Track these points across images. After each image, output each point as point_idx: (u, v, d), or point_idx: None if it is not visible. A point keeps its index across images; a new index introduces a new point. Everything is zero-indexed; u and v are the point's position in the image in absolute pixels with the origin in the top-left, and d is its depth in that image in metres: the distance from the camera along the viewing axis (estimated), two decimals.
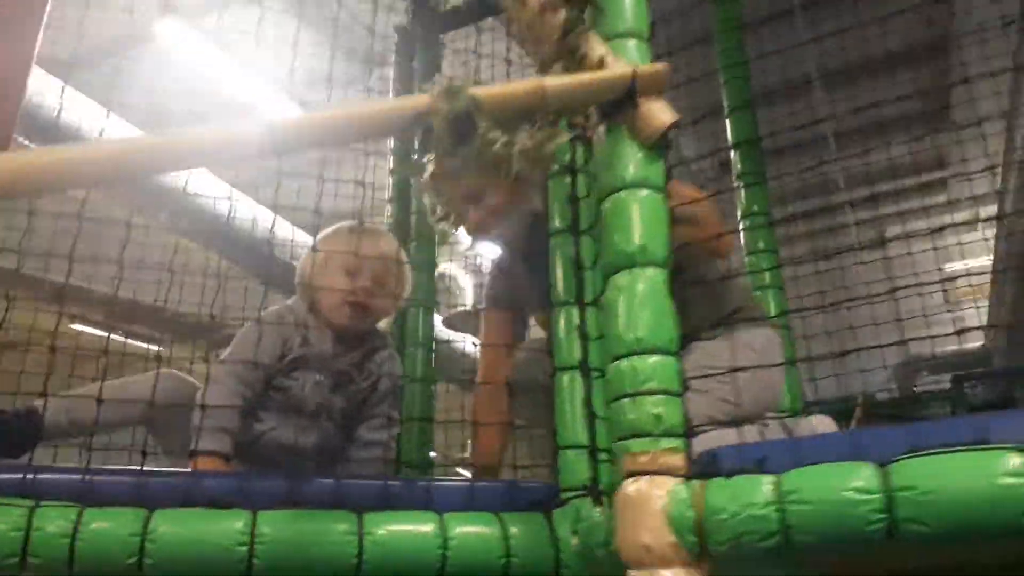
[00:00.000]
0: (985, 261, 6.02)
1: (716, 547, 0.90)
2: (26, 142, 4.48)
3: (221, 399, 1.48)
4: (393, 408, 1.73)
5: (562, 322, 1.31)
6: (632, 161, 1.09)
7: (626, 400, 0.99)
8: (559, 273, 1.33)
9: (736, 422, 1.39)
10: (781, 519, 0.87)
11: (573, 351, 1.28)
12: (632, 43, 1.15)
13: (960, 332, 1.35)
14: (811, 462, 0.90)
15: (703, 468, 0.97)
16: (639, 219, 1.06)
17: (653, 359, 0.99)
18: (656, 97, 1.10)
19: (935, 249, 2.79)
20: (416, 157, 1.10)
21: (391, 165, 2.28)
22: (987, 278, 6.18)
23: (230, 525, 1.03)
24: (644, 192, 1.08)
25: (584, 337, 1.27)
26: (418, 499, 1.15)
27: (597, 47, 1.12)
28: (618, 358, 1.02)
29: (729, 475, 0.93)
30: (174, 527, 1.01)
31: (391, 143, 2.40)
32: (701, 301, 1.62)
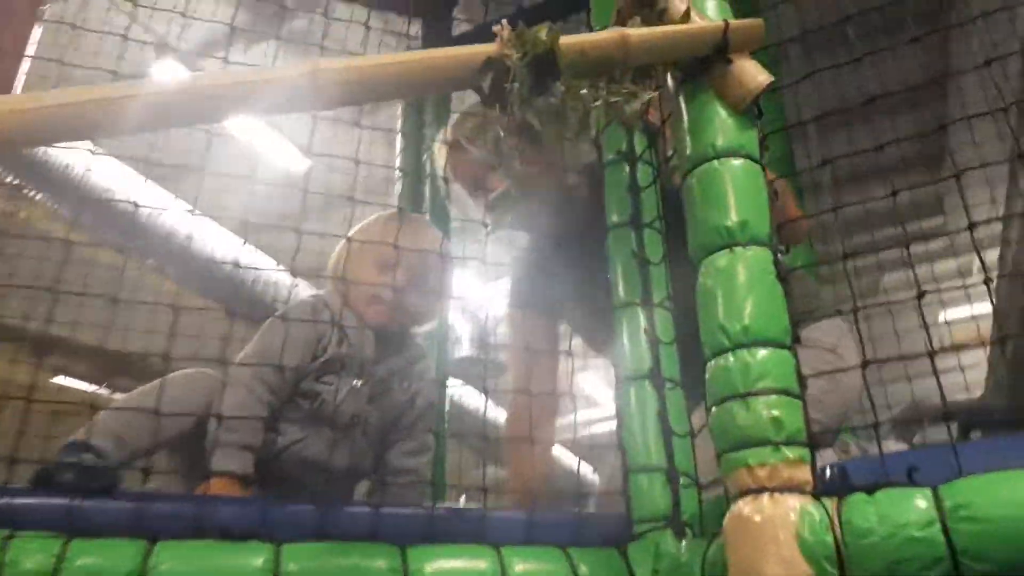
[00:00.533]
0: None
1: None
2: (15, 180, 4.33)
3: (244, 408, 1.26)
4: (427, 431, 1.52)
5: (625, 326, 1.14)
6: (723, 126, 0.94)
7: (735, 403, 0.82)
8: (619, 271, 1.17)
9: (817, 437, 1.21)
10: (948, 542, 0.70)
11: (641, 358, 1.11)
12: (711, 1, 1.01)
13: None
14: (970, 472, 0.73)
15: (828, 484, 0.80)
16: (736, 191, 0.90)
17: (765, 352, 0.83)
18: (748, 56, 0.96)
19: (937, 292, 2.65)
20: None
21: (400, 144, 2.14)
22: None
23: (249, 561, 0.84)
24: (739, 161, 0.92)
25: (655, 342, 1.10)
26: (469, 531, 0.96)
27: (678, 1, 0.97)
28: (720, 353, 0.85)
29: (870, 491, 0.76)
30: (180, 563, 0.82)
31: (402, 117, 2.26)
32: None
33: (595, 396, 9.24)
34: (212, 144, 1.23)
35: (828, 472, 0.82)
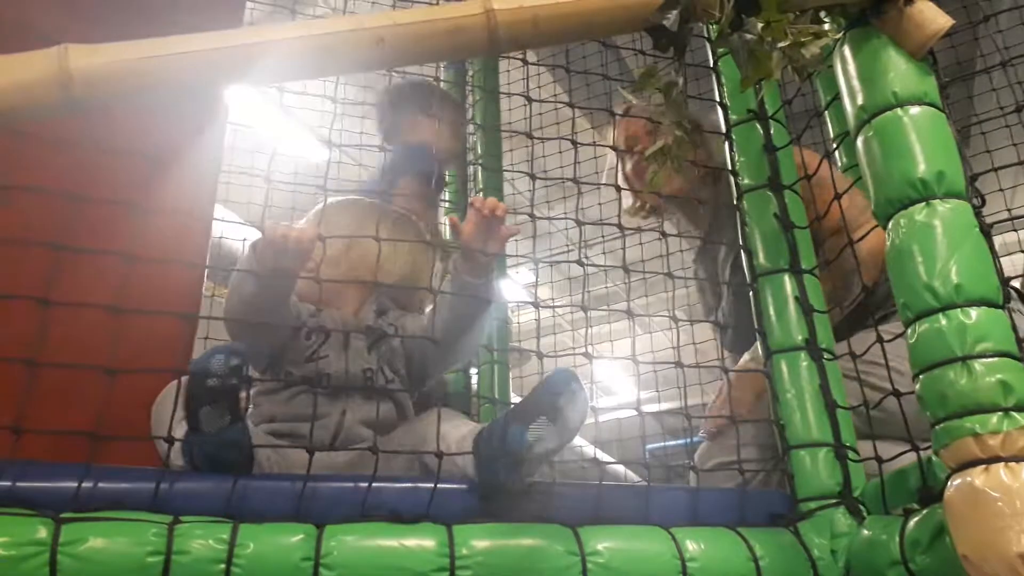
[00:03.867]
0: None
1: None
2: None
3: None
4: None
5: (771, 295, 1.07)
6: (904, 72, 0.87)
7: (952, 367, 0.75)
8: (759, 237, 1.10)
9: None
10: None
11: (790, 329, 1.04)
12: None
13: None
14: None
15: None
16: (926, 141, 0.84)
17: (980, 312, 0.76)
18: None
19: None
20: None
21: None
22: None
23: (423, 544, 0.78)
24: (924, 109, 0.86)
25: (809, 310, 1.04)
26: (633, 509, 0.90)
27: None
28: (925, 315, 0.78)
29: None
30: (353, 548, 0.76)
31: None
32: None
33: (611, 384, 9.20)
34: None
35: None
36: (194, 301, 1.56)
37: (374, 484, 0.81)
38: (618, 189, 1.63)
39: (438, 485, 0.83)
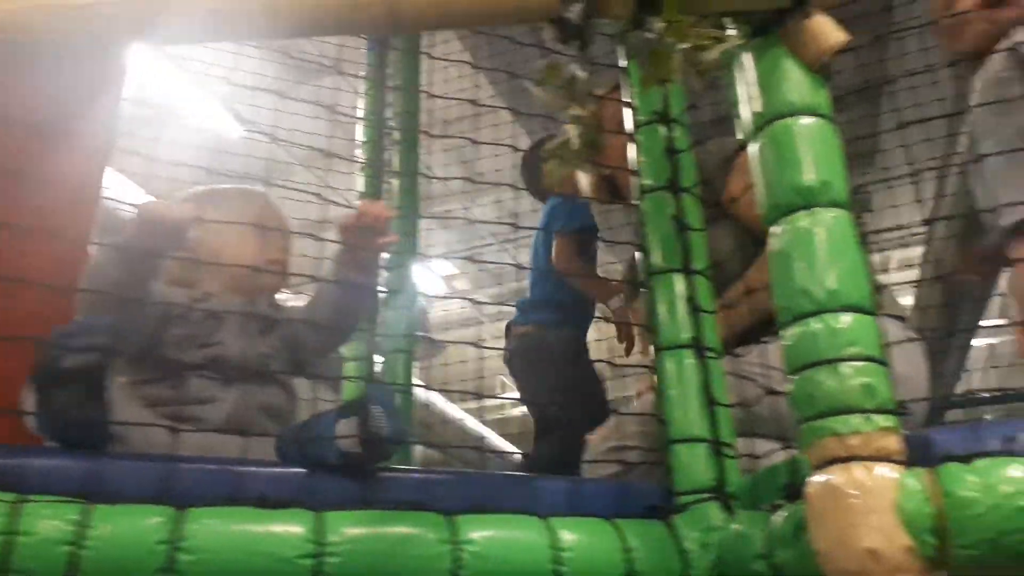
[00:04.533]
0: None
1: (962, 551, 0.69)
2: None
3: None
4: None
5: (662, 293, 1.09)
6: (798, 84, 0.89)
7: (821, 369, 0.78)
8: (656, 237, 1.12)
9: None
10: None
11: (680, 327, 1.06)
12: None
13: None
14: None
15: (914, 454, 0.77)
16: (815, 150, 0.86)
17: (852, 317, 0.79)
18: (825, 13, 0.92)
19: None
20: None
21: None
22: None
23: (290, 530, 0.76)
24: (815, 120, 0.88)
25: (697, 310, 1.06)
26: (512, 499, 0.90)
27: None
28: (801, 318, 0.81)
29: (966, 460, 0.73)
30: (214, 533, 0.73)
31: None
32: None
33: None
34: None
35: (912, 442, 0.79)
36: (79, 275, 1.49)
37: (243, 468, 0.78)
38: (514, 188, 1.63)
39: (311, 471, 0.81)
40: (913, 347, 1.37)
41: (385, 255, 2.05)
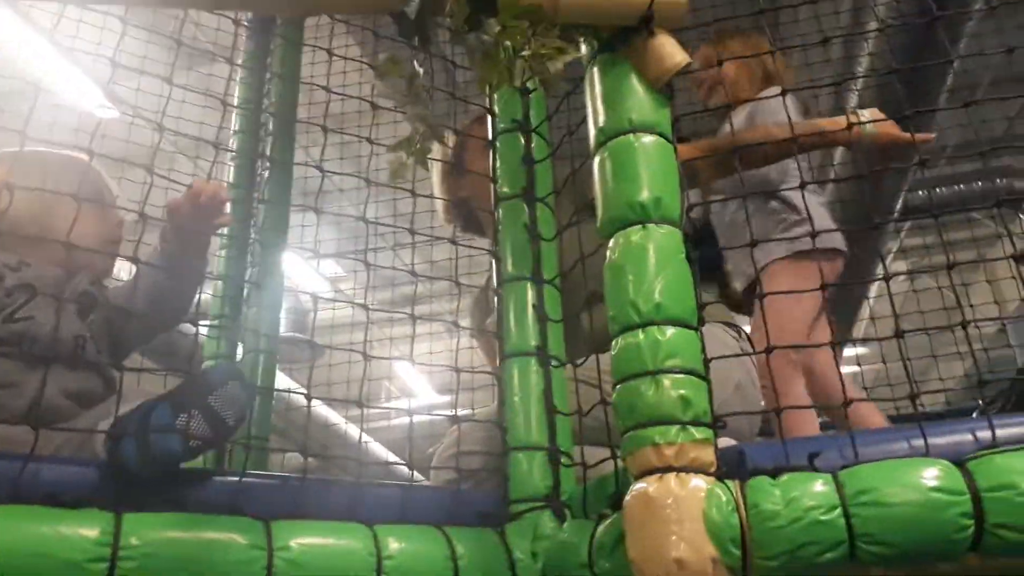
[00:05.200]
0: None
1: (764, 561, 0.72)
2: None
3: None
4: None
5: (512, 301, 1.09)
6: (640, 102, 0.91)
7: (643, 380, 0.79)
8: (509, 245, 1.12)
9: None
10: (848, 526, 0.71)
11: (527, 335, 1.06)
12: None
13: None
14: (869, 460, 0.76)
15: (728, 467, 0.79)
16: (651, 168, 0.88)
17: (675, 331, 0.81)
18: (669, 34, 0.94)
19: None
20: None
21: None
22: None
23: (82, 532, 0.71)
24: (654, 138, 0.90)
25: (544, 319, 1.07)
26: (339, 506, 0.88)
27: None
28: (629, 329, 0.82)
29: (773, 474, 0.76)
30: None
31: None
32: None
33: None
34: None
35: (726, 455, 0.81)
36: None
37: (32, 463, 0.73)
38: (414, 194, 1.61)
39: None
40: (748, 358, 1.44)
41: (253, 249, 1.98)
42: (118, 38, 0.97)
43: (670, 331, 0.81)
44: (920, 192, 4.36)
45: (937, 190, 4.58)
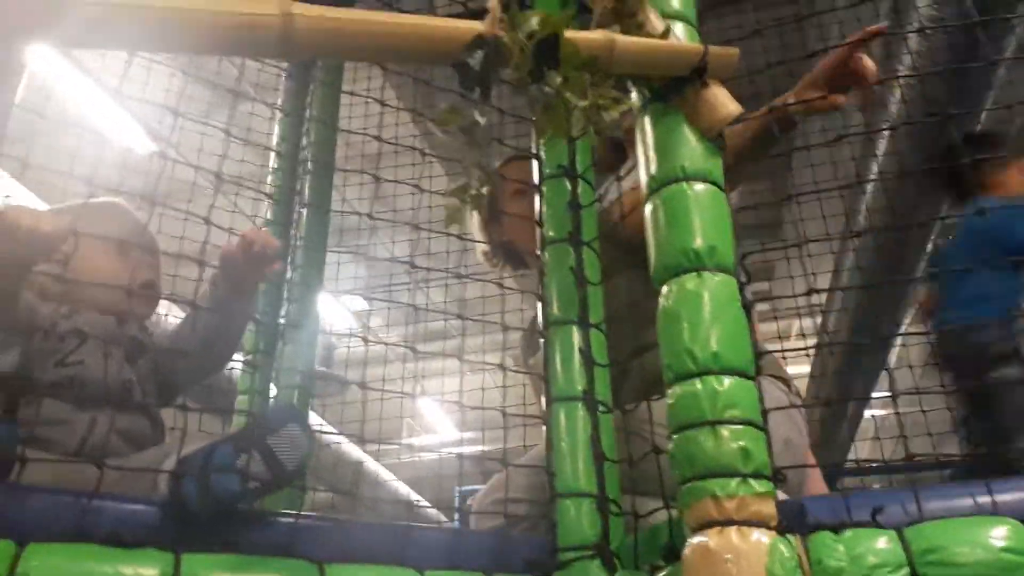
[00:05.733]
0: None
1: None
2: None
3: None
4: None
5: (559, 345, 1.09)
6: (693, 150, 0.92)
7: (702, 430, 0.78)
8: (555, 289, 1.13)
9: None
10: None
11: (573, 379, 1.06)
12: (680, 26, 1.00)
13: None
14: (936, 516, 0.74)
15: (788, 521, 0.78)
16: (704, 215, 0.89)
17: (732, 381, 0.80)
18: (721, 84, 0.96)
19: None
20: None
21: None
22: None
23: (142, 571, 0.71)
24: (707, 186, 0.91)
25: (590, 363, 1.06)
26: (389, 549, 0.87)
27: (656, 19, 0.95)
28: (685, 378, 0.82)
29: (836, 529, 0.75)
30: (56, 571, 0.68)
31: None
32: None
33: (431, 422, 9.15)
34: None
35: (786, 508, 0.80)
36: None
37: (93, 501, 0.73)
38: (458, 236, 1.62)
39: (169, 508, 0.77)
40: (796, 412, 1.41)
41: (291, 287, 2.00)
42: (164, 81, 1.00)
43: (728, 381, 0.80)
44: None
45: None
